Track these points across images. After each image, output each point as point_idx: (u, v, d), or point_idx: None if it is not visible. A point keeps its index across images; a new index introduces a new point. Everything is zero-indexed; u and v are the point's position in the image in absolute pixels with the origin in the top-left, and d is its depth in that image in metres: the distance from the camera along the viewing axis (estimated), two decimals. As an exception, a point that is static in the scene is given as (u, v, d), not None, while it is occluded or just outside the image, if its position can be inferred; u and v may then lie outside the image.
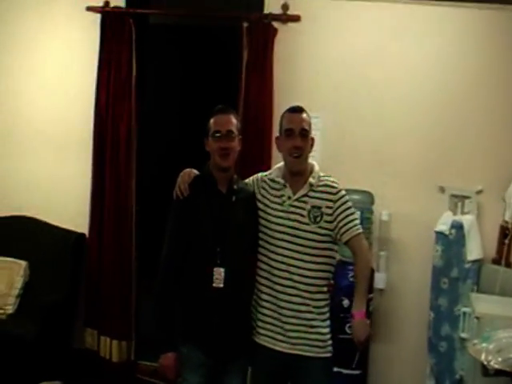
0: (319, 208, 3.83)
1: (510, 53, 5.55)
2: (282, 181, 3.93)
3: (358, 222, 3.94)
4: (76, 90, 6.37)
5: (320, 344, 3.87)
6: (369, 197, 5.55)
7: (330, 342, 3.92)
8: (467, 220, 5.40)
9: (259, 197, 3.99)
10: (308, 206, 3.84)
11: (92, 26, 6.15)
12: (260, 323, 3.93)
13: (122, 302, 6.17)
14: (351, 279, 5.27)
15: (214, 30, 6.47)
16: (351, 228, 3.86)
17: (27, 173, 6.50)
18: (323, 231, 3.83)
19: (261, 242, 3.93)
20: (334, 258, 3.96)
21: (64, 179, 6.40)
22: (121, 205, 6.13)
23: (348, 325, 4.91)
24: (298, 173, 3.90)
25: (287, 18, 5.79)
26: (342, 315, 5.26)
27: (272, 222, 3.88)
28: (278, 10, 5.80)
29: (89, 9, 6.20)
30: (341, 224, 3.84)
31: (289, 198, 3.88)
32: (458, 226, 5.37)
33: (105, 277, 6.18)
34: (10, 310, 5.96)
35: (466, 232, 5.35)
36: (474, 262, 5.35)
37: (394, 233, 5.70)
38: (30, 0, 6.43)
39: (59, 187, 6.40)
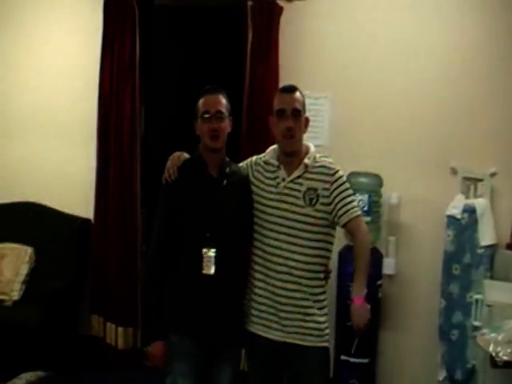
0: (315, 190, 3.71)
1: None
2: (276, 162, 3.81)
3: (356, 203, 3.82)
4: (79, 74, 6.33)
5: (316, 333, 3.74)
6: (377, 179, 5.39)
7: (327, 331, 3.80)
8: (480, 204, 5.22)
9: (253, 180, 3.87)
10: (303, 188, 3.72)
11: (95, 10, 6.05)
12: (254, 311, 3.81)
13: (128, 289, 6.11)
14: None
15: (218, 10, 6.34)
16: (349, 210, 3.72)
17: (32, 159, 6.49)
18: (319, 214, 3.70)
19: (255, 227, 3.82)
20: (331, 242, 3.83)
21: (69, 164, 6.38)
22: (126, 190, 6.07)
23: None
24: (291, 154, 3.77)
25: (293, -5, 5.65)
26: (349, 302, 5.14)
27: (266, 206, 3.77)
28: (283, -12, 5.67)
29: (92, -9, 6.12)
30: (338, 206, 3.71)
31: (283, 179, 3.76)
32: (470, 210, 5.20)
33: (110, 263, 6.13)
34: (15, 296, 5.97)
35: (478, 216, 5.18)
36: (487, 247, 5.17)
37: (404, 217, 5.55)
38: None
39: (64, 173, 6.39)
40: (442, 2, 5.48)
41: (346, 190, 3.76)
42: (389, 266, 5.49)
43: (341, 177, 3.77)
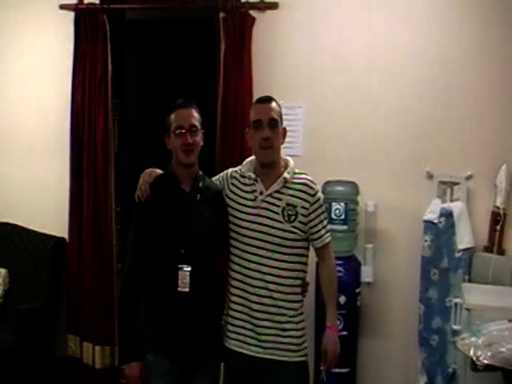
0: (294, 207, 3.67)
1: (499, 32, 5.31)
2: (253, 175, 3.75)
3: (328, 227, 3.84)
4: (52, 90, 6.28)
5: (293, 348, 3.70)
6: (353, 187, 5.36)
7: (305, 344, 3.77)
8: (457, 207, 5.19)
9: (229, 193, 3.81)
10: (282, 203, 3.67)
11: (65, 24, 6.04)
12: (231, 327, 3.76)
13: (104, 307, 6.03)
14: (341, 274, 5.16)
15: (190, 22, 6.36)
16: (323, 235, 3.77)
17: (3, 176, 6.42)
18: (297, 231, 3.68)
19: (231, 241, 3.76)
20: (306, 255, 3.80)
21: (41, 182, 6.31)
22: (100, 206, 6.02)
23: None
24: (269, 165, 3.72)
25: (265, 6, 5.65)
26: (338, 312, 5.12)
27: (243, 220, 3.71)
28: (255, -1, 5.67)
29: (62, 7, 6.11)
30: (314, 230, 3.73)
31: (261, 193, 3.70)
32: (447, 214, 5.16)
33: (86, 281, 6.05)
34: (-11, 318, 5.84)
35: (455, 220, 5.14)
36: (465, 250, 5.14)
37: (381, 224, 5.50)
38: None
39: (37, 191, 6.33)
40: (412, 5, 5.47)
41: (323, 213, 3.77)
42: (367, 273, 5.45)
43: (319, 198, 3.76)
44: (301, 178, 3.74)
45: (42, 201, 6.28)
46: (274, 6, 5.63)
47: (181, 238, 3.63)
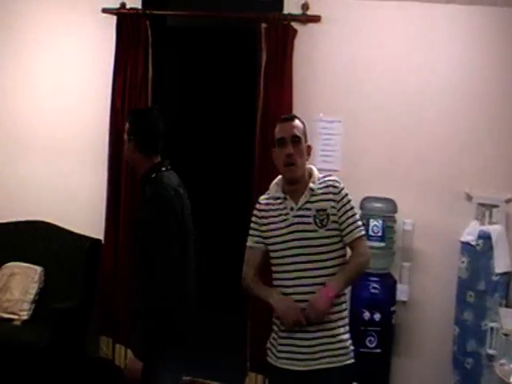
0: (324, 210, 3.69)
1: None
2: (281, 195, 3.79)
3: (360, 223, 3.81)
4: (91, 94, 6.31)
5: (343, 352, 3.72)
6: (391, 205, 5.36)
7: (351, 347, 3.78)
8: (495, 230, 5.16)
9: (262, 221, 3.83)
10: (312, 212, 3.70)
11: (108, 28, 6.06)
12: (280, 347, 3.77)
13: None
14: (372, 290, 5.16)
15: (232, 31, 6.34)
16: (353, 230, 3.73)
17: (44, 178, 6.46)
18: (332, 233, 3.70)
19: (272, 264, 3.80)
20: (344, 256, 3.79)
21: (80, 184, 6.35)
22: (137, 210, 5.99)
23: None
24: (294, 181, 3.75)
25: (307, 18, 5.63)
26: (363, 328, 5.17)
27: (280, 242, 3.74)
28: (297, 10, 5.64)
29: (104, 11, 6.10)
30: (343, 225, 3.72)
31: (291, 209, 3.73)
32: (485, 237, 5.15)
33: (120, 283, 6.07)
34: (24, 316, 5.94)
35: (493, 243, 5.12)
36: (503, 274, 5.13)
37: (418, 243, 5.49)
38: (45, 3, 6.37)
39: (75, 192, 6.36)
40: (460, 25, 5.47)
41: (351, 208, 3.75)
42: (402, 292, 5.43)
43: (346, 194, 3.75)
44: (325, 182, 3.77)
45: (78, 202, 6.33)
46: (317, 19, 5.62)
47: None
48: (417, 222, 5.45)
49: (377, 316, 5.17)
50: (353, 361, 3.76)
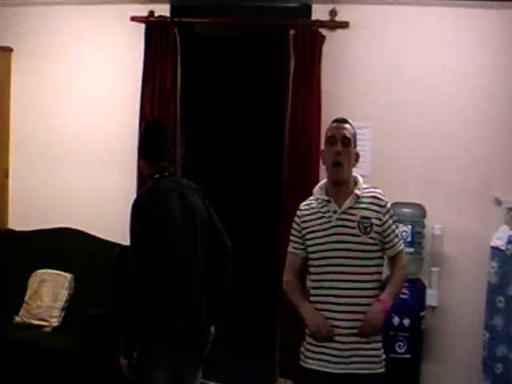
0: (368, 218, 3.73)
1: None
2: (325, 197, 3.82)
3: (400, 236, 3.91)
4: (120, 101, 6.35)
5: (375, 360, 3.75)
6: (420, 210, 5.36)
7: (384, 356, 3.81)
8: (525, 235, 5.15)
9: (304, 224, 3.85)
10: (357, 218, 3.74)
11: (136, 36, 6.10)
12: (312, 347, 3.80)
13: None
14: (401, 296, 5.13)
15: (260, 38, 6.37)
16: (396, 244, 3.83)
17: (73, 185, 6.50)
18: (373, 241, 3.74)
19: (311, 266, 3.84)
20: (382, 266, 3.84)
21: (109, 191, 6.37)
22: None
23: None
24: (340, 183, 3.80)
25: (335, 24, 5.65)
26: (392, 333, 5.14)
27: (321, 244, 3.77)
28: (325, 17, 5.67)
29: (133, 19, 6.14)
30: (387, 239, 3.79)
31: (334, 212, 3.77)
32: (515, 242, 5.13)
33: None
34: (55, 322, 5.98)
35: (524, 247, 5.11)
36: (533, 279, 5.11)
37: (447, 248, 5.50)
38: (74, 10, 6.41)
39: (104, 199, 6.39)
40: (490, 31, 5.47)
41: (394, 222, 3.85)
42: (432, 297, 5.43)
43: (390, 209, 3.83)
44: (370, 192, 3.82)
45: (107, 209, 6.33)
46: (345, 25, 5.64)
47: None
48: (446, 227, 5.45)
49: (406, 321, 5.15)
50: (384, 370, 3.79)
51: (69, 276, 6.13)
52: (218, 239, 4.22)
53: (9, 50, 6.61)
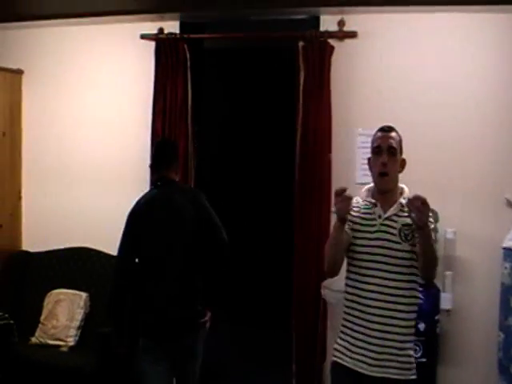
0: (410, 225, 3.76)
1: None
2: (372, 200, 3.89)
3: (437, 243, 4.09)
4: (132, 119, 6.41)
5: (408, 366, 3.80)
6: (433, 214, 5.34)
7: (415, 364, 3.84)
8: (537, 235, 5.17)
9: (352, 219, 3.89)
10: (398, 225, 3.79)
11: (147, 54, 6.19)
12: (348, 345, 3.86)
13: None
14: (420, 301, 5.14)
15: (269, 51, 6.44)
16: None
17: (87, 204, 6.55)
18: (414, 249, 3.77)
19: (351, 261, 3.89)
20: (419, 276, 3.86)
21: (122, 210, 6.32)
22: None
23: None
24: (385, 192, 3.87)
25: (344, 34, 5.73)
26: (416, 339, 5.12)
27: (363, 245, 3.84)
28: (333, 27, 5.74)
29: (143, 37, 6.23)
30: None
31: (379, 216, 3.84)
32: (527, 242, 5.15)
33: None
34: (71, 342, 6.01)
35: (536, 248, 5.13)
36: (546, 279, 5.11)
37: (460, 251, 5.53)
38: (84, 31, 6.50)
39: (118, 218, 6.32)
40: (494, 37, 5.54)
41: (433, 229, 3.84)
42: (446, 300, 5.46)
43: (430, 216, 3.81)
44: None
45: (119, 228, 6.27)
46: (353, 35, 5.72)
47: None
48: (459, 231, 5.49)
49: (421, 326, 5.15)
50: (415, 377, 3.82)
51: (84, 295, 6.16)
52: (215, 235, 4.54)
53: (20, 72, 6.71)
